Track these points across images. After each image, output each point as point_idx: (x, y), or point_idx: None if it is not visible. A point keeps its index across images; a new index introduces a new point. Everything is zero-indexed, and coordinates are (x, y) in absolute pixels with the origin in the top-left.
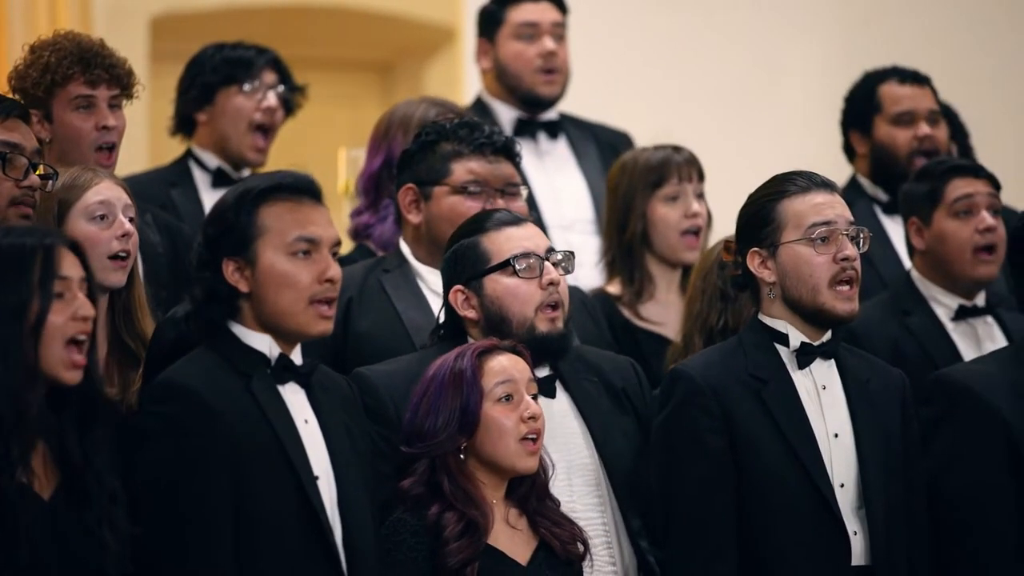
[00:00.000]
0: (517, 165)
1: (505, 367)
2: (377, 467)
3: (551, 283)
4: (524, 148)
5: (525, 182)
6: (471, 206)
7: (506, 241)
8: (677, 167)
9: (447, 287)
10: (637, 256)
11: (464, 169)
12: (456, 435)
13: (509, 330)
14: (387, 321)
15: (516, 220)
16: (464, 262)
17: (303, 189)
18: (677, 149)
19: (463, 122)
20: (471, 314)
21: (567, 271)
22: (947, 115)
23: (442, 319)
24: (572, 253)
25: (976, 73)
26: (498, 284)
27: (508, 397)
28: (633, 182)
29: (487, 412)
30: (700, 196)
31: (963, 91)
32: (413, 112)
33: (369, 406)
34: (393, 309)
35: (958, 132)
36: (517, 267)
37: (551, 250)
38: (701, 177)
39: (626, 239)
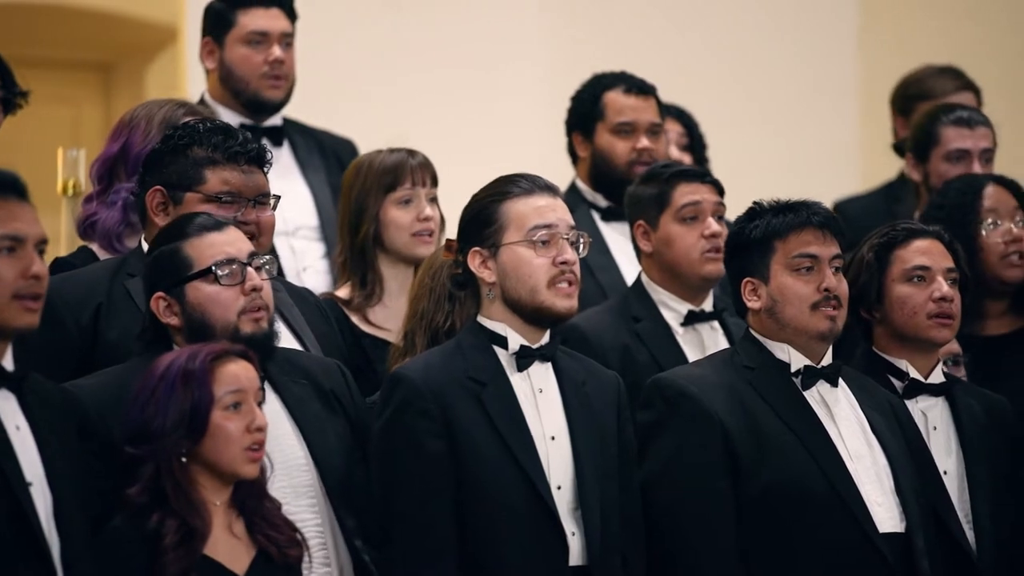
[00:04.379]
0: (266, 173)
1: (237, 375)
2: (90, 484)
3: (254, 289)
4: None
5: None
6: (223, 215)
7: (208, 247)
8: (411, 171)
9: (149, 293)
10: (369, 258)
11: (218, 179)
12: (183, 438)
13: (212, 336)
14: (135, 329)
15: (218, 225)
16: (165, 269)
17: (7, 186)
18: (412, 153)
19: (217, 127)
20: (173, 321)
21: (270, 275)
22: (686, 125)
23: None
24: (274, 257)
25: (701, 75)
26: (200, 291)
27: (236, 405)
28: (367, 184)
29: (215, 419)
30: (433, 200)
31: (688, 94)
32: (159, 109)
33: (77, 423)
34: (142, 315)
35: (696, 143)
36: (219, 274)
37: (253, 255)
38: (435, 182)
39: (359, 241)
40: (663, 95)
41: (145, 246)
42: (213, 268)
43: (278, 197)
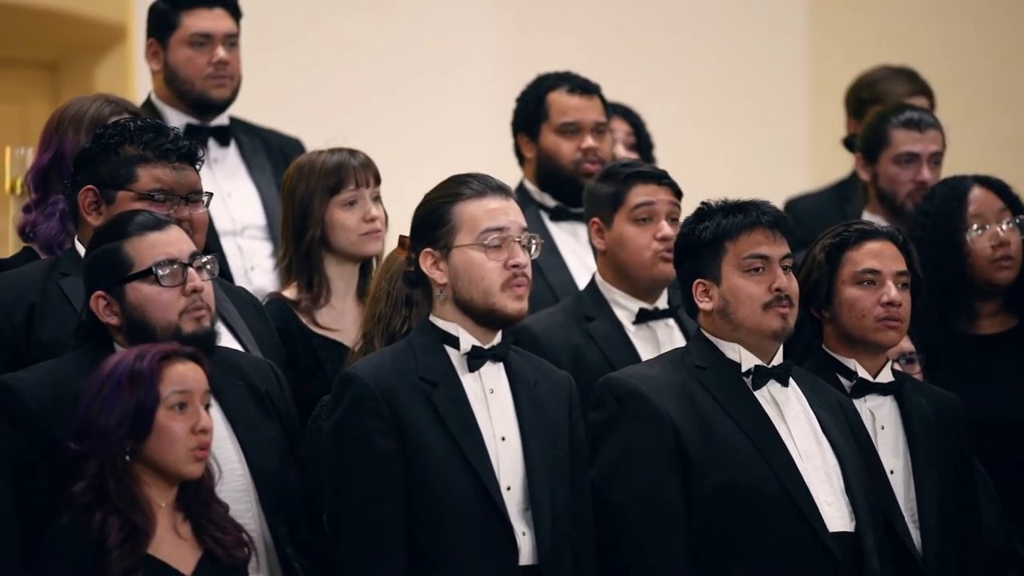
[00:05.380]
0: (199, 170)
1: (184, 376)
2: (26, 481)
3: (195, 290)
4: None
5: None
6: (160, 214)
7: (149, 248)
8: (354, 171)
9: (88, 292)
10: (316, 260)
11: (150, 176)
12: (127, 436)
13: (153, 336)
14: (70, 328)
15: (159, 224)
16: (105, 268)
17: None
18: (352, 153)
19: (147, 125)
20: (113, 320)
21: (212, 275)
22: (633, 124)
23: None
24: (215, 257)
25: (650, 74)
26: (140, 292)
27: (182, 406)
28: (310, 187)
29: (160, 419)
30: (377, 199)
31: (638, 94)
32: (86, 109)
33: (14, 416)
34: (76, 315)
35: (643, 142)
36: (159, 274)
37: (195, 255)
38: (378, 180)
39: (304, 244)
40: (612, 95)
41: (79, 246)
42: (153, 269)
43: (211, 194)
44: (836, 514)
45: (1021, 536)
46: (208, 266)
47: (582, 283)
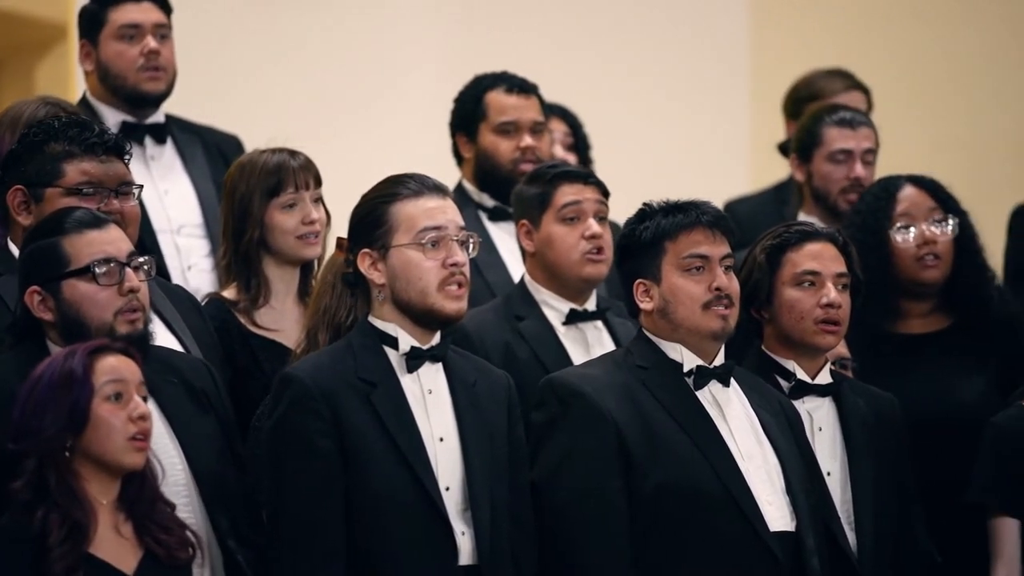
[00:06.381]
0: (127, 163)
1: (115, 366)
2: None
3: (131, 290)
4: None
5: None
6: (88, 208)
7: (87, 245)
8: (293, 173)
9: (23, 286)
10: (254, 262)
11: (77, 170)
12: (64, 432)
13: (87, 334)
14: (5, 325)
15: (98, 222)
16: (41, 263)
17: None
18: (293, 154)
19: (72, 121)
20: (47, 316)
21: (149, 275)
22: (571, 124)
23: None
24: (152, 258)
25: (591, 75)
26: (76, 289)
27: (118, 396)
28: (249, 188)
29: (96, 410)
30: (317, 201)
31: (578, 94)
32: (23, 111)
33: None
34: (11, 313)
35: (580, 142)
36: (97, 272)
37: (133, 254)
38: (318, 181)
39: (243, 245)
40: (551, 95)
41: (11, 246)
42: (91, 267)
43: (141, 186)
44: (777, 514)
45: (944, 538)
46: (145, 266)
47: None
